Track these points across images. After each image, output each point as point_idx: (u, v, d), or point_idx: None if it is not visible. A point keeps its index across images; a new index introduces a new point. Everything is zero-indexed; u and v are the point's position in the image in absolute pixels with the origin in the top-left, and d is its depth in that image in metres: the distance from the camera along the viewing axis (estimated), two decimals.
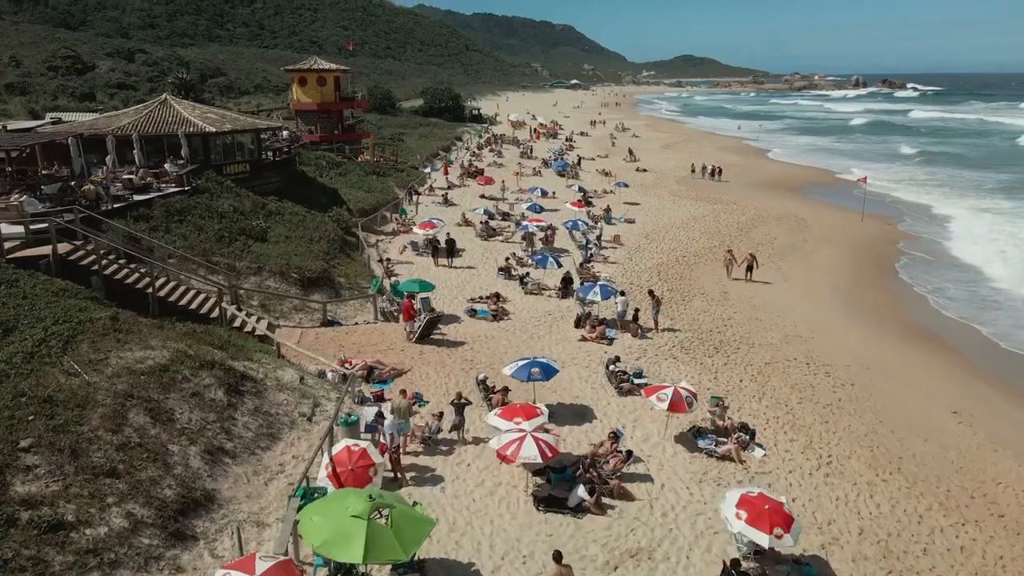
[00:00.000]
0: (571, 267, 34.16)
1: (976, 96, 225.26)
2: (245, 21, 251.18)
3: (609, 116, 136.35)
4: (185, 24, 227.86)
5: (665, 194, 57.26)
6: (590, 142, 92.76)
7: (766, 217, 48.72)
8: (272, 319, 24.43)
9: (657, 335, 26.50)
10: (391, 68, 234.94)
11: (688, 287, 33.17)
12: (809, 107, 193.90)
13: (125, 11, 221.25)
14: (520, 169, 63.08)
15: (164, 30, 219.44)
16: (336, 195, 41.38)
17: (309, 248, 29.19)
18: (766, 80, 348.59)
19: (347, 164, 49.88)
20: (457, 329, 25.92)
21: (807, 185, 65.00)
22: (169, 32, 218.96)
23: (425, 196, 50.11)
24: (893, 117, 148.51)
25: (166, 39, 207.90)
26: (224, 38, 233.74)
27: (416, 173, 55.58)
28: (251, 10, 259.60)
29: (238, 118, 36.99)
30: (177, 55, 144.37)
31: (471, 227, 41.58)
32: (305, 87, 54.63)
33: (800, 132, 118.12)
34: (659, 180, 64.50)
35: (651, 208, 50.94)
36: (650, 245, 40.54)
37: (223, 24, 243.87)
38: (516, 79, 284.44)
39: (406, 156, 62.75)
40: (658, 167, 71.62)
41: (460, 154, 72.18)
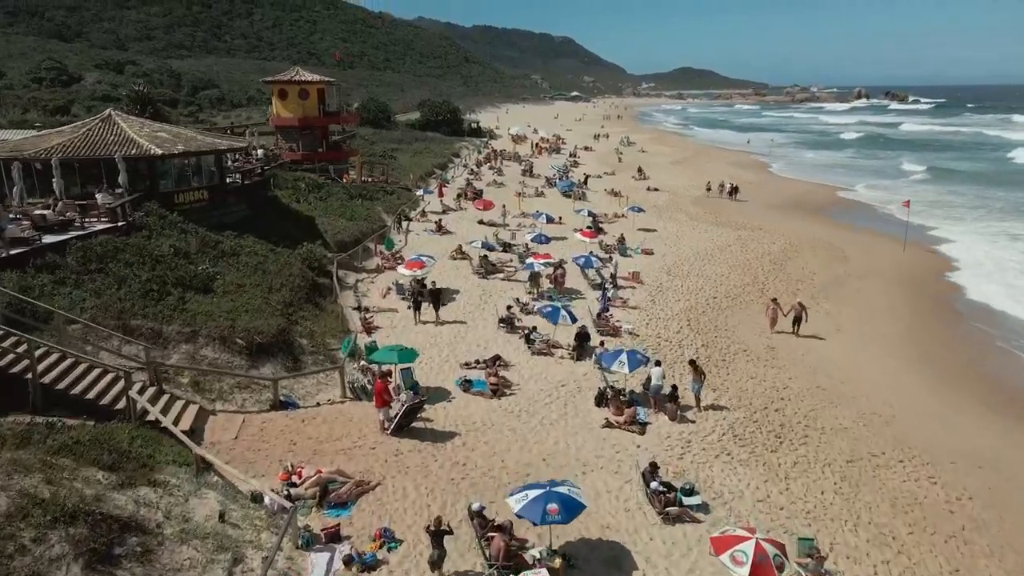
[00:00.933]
0: (586, 314, 28.40)
1: (985, 108, 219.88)
2: (243, 33, 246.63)
3: (612, 129, 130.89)
4: (182, 36, 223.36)
5: (682, 217, 51.50)
6: (595, 157, 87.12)
7: (798, 246, 42.91)
8: (206, 402, 18.61)
9: (700, 415, 20.69)
10: (390, 80, 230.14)
11: (727, 341, 27.34)
12: (812, 120, 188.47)
13: (122, 23, 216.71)
14: (522, 189, 57.36)
15: (161, 42, 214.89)
16: (312, 225, 35.60)
17: (267, 300, 23.36)
18: (767, 92, 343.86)
19: (330, 186, 44.21)
20: (447, 411, 20.07)
21: (830, 206, 59.22)
22: (166, 44, 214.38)
23: (417, 222, 44.32)
24: (899, 130, 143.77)
25: (162, 51, 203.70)
26: (221, 50, 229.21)
27: (408, 196, 49.81)
28: (249, 22, 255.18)
29: (195, 137, 31.31)
30: (168, 67, 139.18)
31: (467, 259, 35.81)
32: (286, 100, 49.03)
33: (807, 146, 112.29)
34: (673, 201, 58.77)
35: (669, 235, 45.17)
36: (673, 283, 34.71)
37: (220, 36, 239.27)
38: (516, 91, 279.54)
39: (398, 175, 57.03)
40: (670, 185, 65.93)
41: (457, 172, 66.47)
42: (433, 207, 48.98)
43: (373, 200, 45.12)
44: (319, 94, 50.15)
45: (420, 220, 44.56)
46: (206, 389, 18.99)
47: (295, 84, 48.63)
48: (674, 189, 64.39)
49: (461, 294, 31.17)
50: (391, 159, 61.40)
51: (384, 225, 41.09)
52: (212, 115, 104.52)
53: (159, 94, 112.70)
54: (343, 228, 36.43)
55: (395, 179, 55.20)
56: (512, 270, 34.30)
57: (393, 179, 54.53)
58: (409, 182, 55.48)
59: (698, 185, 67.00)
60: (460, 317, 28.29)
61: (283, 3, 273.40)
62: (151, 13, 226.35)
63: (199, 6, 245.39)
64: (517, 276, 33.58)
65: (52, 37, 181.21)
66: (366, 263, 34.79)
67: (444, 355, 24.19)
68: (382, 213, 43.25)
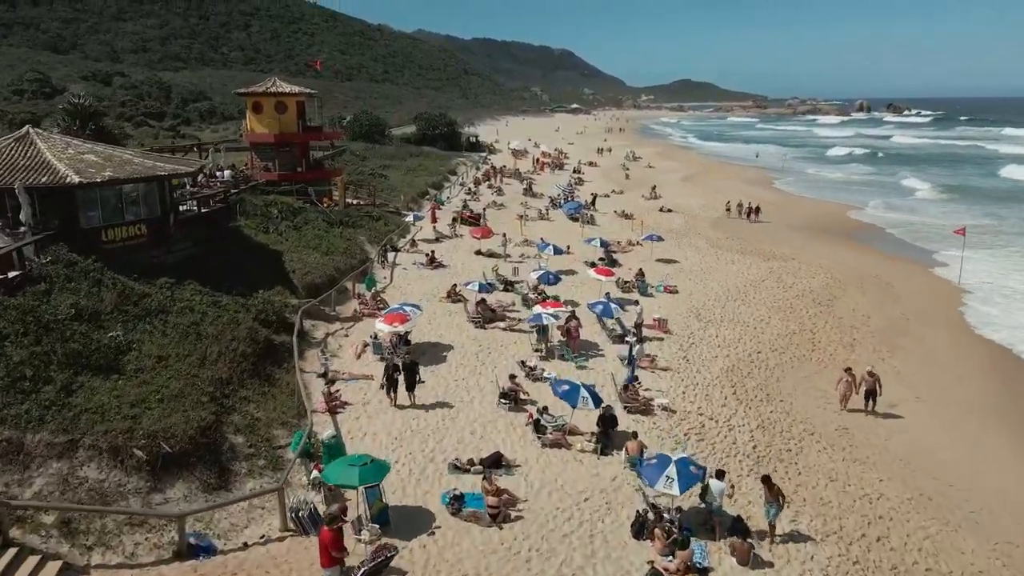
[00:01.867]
0: (607, 381, 22.57)
1: (978, 122, 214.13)
2: (240, 45, 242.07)
3: (615, 142, 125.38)
4: (178, 48, 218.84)
5: (703, 244, 45.67)
6: (600, 174, 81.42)
7: (842, 281, 37.05)
8: (79, 551, 12.74)
9: (777, 551, 14.81)
10: (388, 92, 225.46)
11: (787, 419, 21.43)
12: (807, 133, 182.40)
13: (117, 35, 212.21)
14: (525, 211, 51.56)
15: (157, 54, 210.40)
16: (279, 262, 29.72)
17: (193, 380, 17.47)
18: (767, 104, 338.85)
19: (307, 212, 38.41)
20: (427, 555, 14.15)
21: (856, 229, 53.39)
22: (162, 56, 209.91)
23: (406, 252, 38.46)
24: (891, 143, 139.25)
25: (158, 63, 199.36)
26: (218, 62, 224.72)
27: (397, 221, 43.92)
28: (246, 34, 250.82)
29: (131, 160, 25.53)
30: (158, 79, 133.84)
31: (461, 301, 29.97)
32: (260, 114, 43.30)
33: (807, 161, 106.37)
34: (690, 224, 52.97)
35: (692, 267, 39.32)
36: (706, 332, 28.82)
37: (217, 48, 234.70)
38: (515, 103, 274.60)
39: (388, 196, 51.24)
40: (684, 206, 60.17)
41: (454, 191, 60.68)
42: (425, 234, 43.16)
43: (356, 228, 39.28)
44: (298, 107, 44.38)
45: (409, 250, 38.69)
46: (80, 531, 13.08)
47: (271, 96, 42.87)
48: (689, 210, 58.64)
49: (454, 351, 25.28)
50: (380, 178, 55.57)
51: (367, 259, 35.20)
52: (200, 128, 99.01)
53: (146, 106, 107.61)
54: (316, 265, 30.48)
55: (384, 201, 49.39)
56: (515, 318, 28.38)
57: (381, 202, 48.72)
58: (400, 204, 49.66)
59: (714, 205, 61.35)
60: (451, 382, 22.40)
61: (281, 15, 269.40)
62: (147, 25, 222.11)
63: (196, 18, 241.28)
64: (521, 325, 27.71)
65: (46, 49, 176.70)
66: (341, 308, 28.85)
67: (428, 450, 18.25)
68: (365, 244, 37.39)
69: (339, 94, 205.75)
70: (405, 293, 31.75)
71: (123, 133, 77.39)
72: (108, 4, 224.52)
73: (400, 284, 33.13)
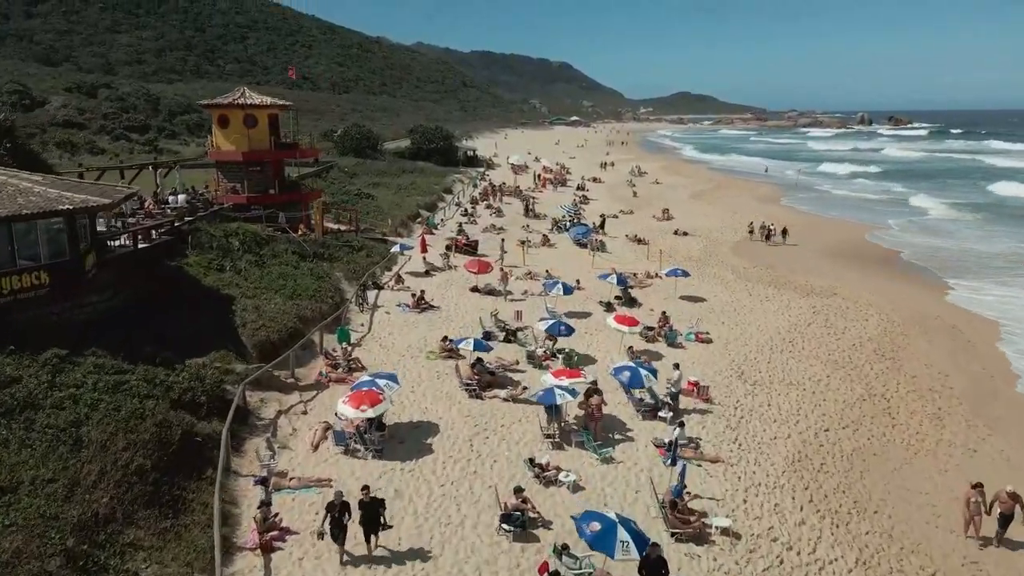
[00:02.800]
0: (644, 483, 16.76)
1: (971, 135, 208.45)
2: (237, 57, 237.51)
3: (618, 156, 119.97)
4: (173, 60, 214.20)
5: (729, 275, 39.88)
6: (606, 191, 75.78)
7: (901, 326, 31.16)
8: None
9: None
10: (385, 104, 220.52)
11: (891, 547, 15.53)
12: (799, 145, 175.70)
13: (112, 47, 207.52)
14: (527, 237, 45.82)
15: (151, 66, 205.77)
16: (227, 312, 23.87)
17: (49, 524, 11.62)
18: (768, 117, 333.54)
19: (276, 242, 32.67)
20: None
21: (893, 257, 47.48)
22: (156, 68, 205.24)
23: (390, 290, 32.59)
24: (882, 155, 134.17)
25: (153, 75, 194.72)
26: (213, 74, 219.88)
27: (382, 250, 38.05)
28: (243, 46, 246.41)
29: (30, 190, 19.82)
30: (146, 90, 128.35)
31: (454, 357, 24.13)
32: (227, 129, 37.68)
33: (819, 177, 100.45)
34: (710, 249, 47.23)
35: (722, 305, 33.49)
36: (756, 400, 22.94)
37: (213, 60, 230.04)
38: (515, 116, 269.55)
39: (375, 220, 45.51)
40: (700, 227, 54.43)
41: (449, 212, 54.89)
42: (414, 265, 37.33)
43: (333, 261, 33.46)
44: (271, 121, 38.68)
45: (394, 287, 32.81)
46: None
47: (238, 109, 37.18)
48: (706, 232, 52.90)
49: (440, 435, 19.36)
50: (367, 199, 49.79)
51: (342, 301, 29.30)
52: (185, 142, 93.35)
53: (130, 119, 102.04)
54: (275, 314, 24.54)
55: (369, 226, 43.66)
56: (518, 385, 22.47)
57: (367, 226, 42.99)
58: (387, 229, 43.91)
59: (731, 226, 55.69)
60: (436, 495, 16.52)
61: (278, 28, 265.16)
62: (142, 37, 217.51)
63: (192, 30, 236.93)
64: (527, 393, 21.85)
65: (38, 61, 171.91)
66: (303, 371, 22.96)
67: None
68: (342, 281, 31.52)
69: (336, 106, 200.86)
70: (385, 346, 25.91)
71: (94, 148, 71.93)
72: (103, 16, 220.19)
73: (380, 333, 27.25)
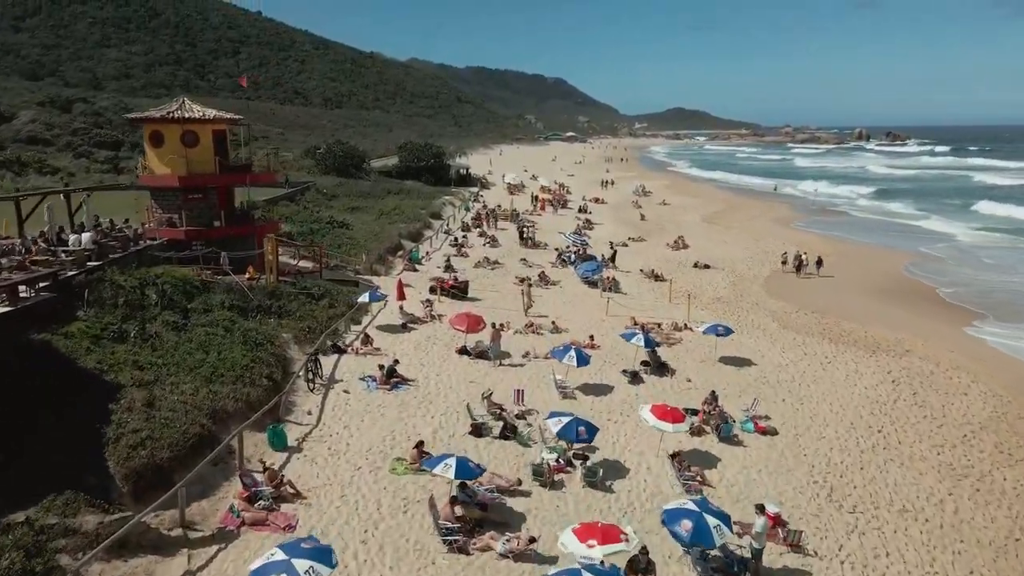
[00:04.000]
0: None
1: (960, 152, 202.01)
2: (227, 72, 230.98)
3: (618, 174, 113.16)
4: (163, 75, 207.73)
5: (771, 324, 32.54)
6: (610, 213, 68.66)
7: (1015, 402, 23.95)
8: None
9: None
10: (378, 120, 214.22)
11: None
12: (786, 163, 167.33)
13: (100, 62, 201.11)
14: (528, 275, 38.50)
15: (139, 80, 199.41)
16: (99, 417, 16.38)
17: None
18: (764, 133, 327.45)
19: (213, 292, 25.33)
20: None
21: (944, 296, 40.42)
22: (145, 83, 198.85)
23: (354, 355, 25.11)
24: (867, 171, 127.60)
25: (141, 90, 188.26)
26: (203, 89, 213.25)
27: (348, 297, 30.47)
28: (235, 61, 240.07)
29: None
30: (124, 105, 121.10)
31: (432, 472, 16.69)
32: (161, 148, 30.37)
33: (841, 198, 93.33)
34: (739, 286, 40.02)
35: (775, 371, 26.09)
36: (863, 541, 15.43)
37: (204, 75, 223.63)
38: (510, 131, 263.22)
39: (348, 253, 38.18)
40: (721, 258, 47.24)
41: (437, 241, 47.52)
42: (387, 316, 29.91)
43: (284, 315, 26.02)
44: (216, 138, 31.33)
45: (360, 351, 25.34)
46: None
47: (174, 124, 29.88)
48: (730, 264, 45.71)
49: None
50: (339, 229, 42.40)
51: (284, 380, 21.78)
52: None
53: (101, 135, 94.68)
54: (171, 417, 16.91)
55: (341, 262, 36.32)
56: (519, 537, 14.94)
57: (338, 263, 35.65)
58: (361, 265, 36.55)
59: (756, 256, 48.61)
60: None
61: (271, 43, 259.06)
62: (131, 52, 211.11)
63: (183, 45, 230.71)
64: (535, 546, 14.45)
65: (23, 76, 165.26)
66: (204, 507, 15.48)
67: None
68: (290, 346, 24.04)
69: (327, 122, 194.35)
70: (336, 452, 18.41)
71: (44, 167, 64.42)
72: (92, 31, 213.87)
73: (332, 428, 19.76)
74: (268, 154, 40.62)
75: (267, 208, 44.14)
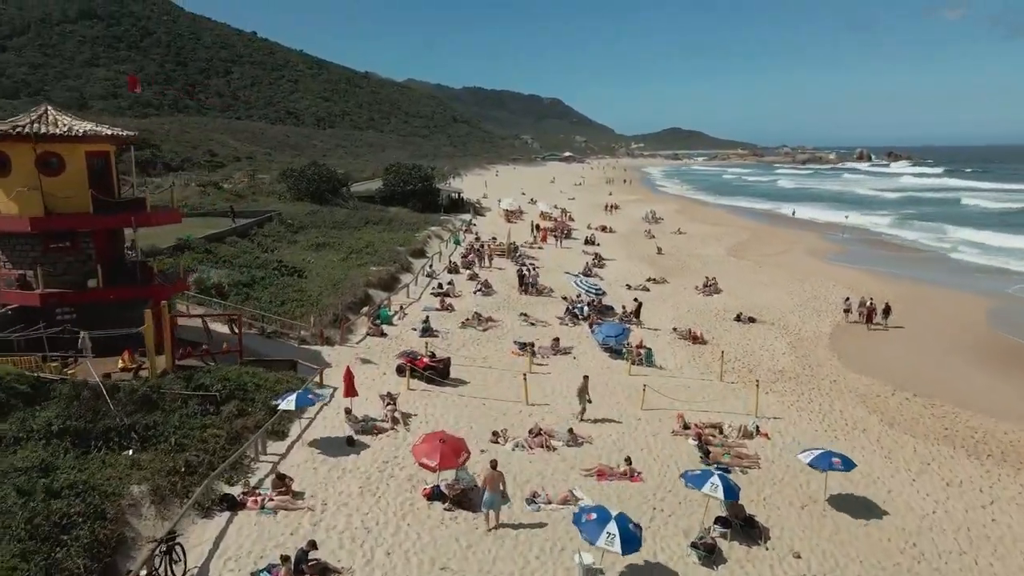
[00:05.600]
0: None
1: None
2: (219, 91, 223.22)
3: (622, 197, 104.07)
4: (151, 94, 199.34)
5: (866, 416, 22.92)
6: (621, 244, 59.33)
7: None
8: None
9: None
10: (371, 140, 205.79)
11: None
12: (771, 185, 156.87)
13: (88, 81, 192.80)
14: (533, 340, 28.85)
15: (127, 100, 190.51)
16: None
17: None
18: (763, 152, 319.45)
19: (51, 401, 15.89)
20: None
21: None
22: (132, 102, 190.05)
23: (255, 511, 15.35)
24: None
25: (128, 109, 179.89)
26: (192, 108, 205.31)
27: (270, 395, 20.58)
28: (226, 80, 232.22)
29: None
30: None
31: None
32: (7, 177, 20.98)
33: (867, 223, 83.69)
34: (801, 349, 30.44)
35: (914, 522, 16.48)
36: None
37: (194, 94, 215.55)
38: (506, 151, 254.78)
39: (291, 312, 28.50)
40: (766, 307, 37.77)
41: (415, 288, 37.88)
42: (325, 426, 20.12)
43: (148, 445, 16.33)
44: (93, 164, 21.80)
45: (273, 497, 15.64)
46: None
47: (25, 143, 20.44)
48: (779, 315, 36.23)
49: None
50: (288, 277, 32.69)
51: None
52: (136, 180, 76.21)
53: None
54: None
55: (281, 328, 26.63)
56: None
57: (278, 328, 25.97)
58: (308, 330, 26.88)
59: (806, 302, 39.31)
60: None
61: (264, 62, 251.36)
62: (120, 71, 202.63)
63: (173, 64, 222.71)
64: None
65: (5, 95, 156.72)
66: None
67: None
68: (140, 510, 14.35)
69: (318, 142, 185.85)
70: None
71: None
72: (81, 50, 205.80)
73: None
74: (173, 184, 30.90)
75: (202, 248, 34.59)
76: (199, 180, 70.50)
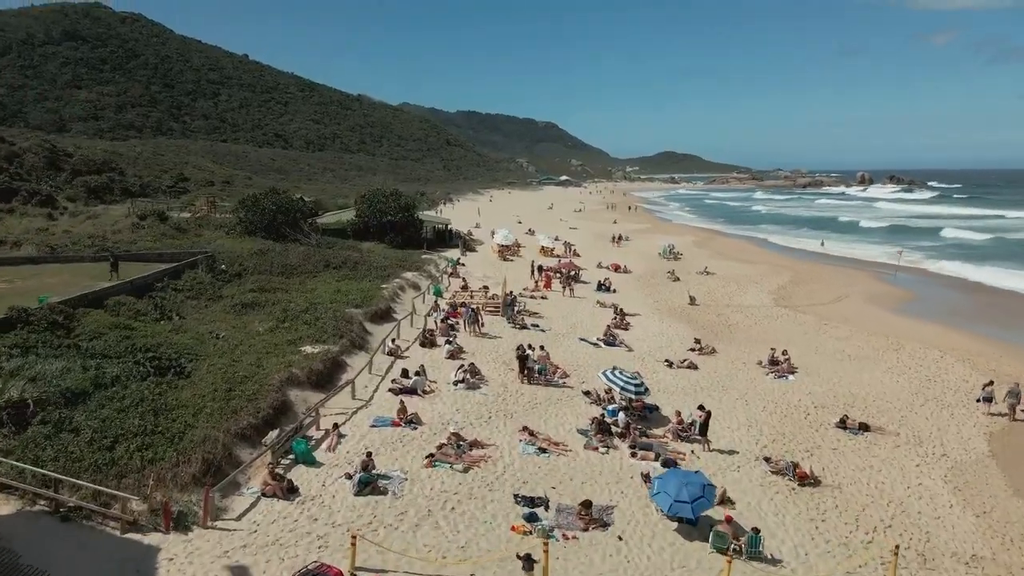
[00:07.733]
0: None
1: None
2: (205, 114, 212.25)
3: (628, 226, 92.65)
4: (133, 116, 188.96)
5: None
6: (641, 290, 47.47)
7: None
8: None
9: None
10: (361, 163, 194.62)
11: None
12: (759, 208, 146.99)
13: (68, 103, 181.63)
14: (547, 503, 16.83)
15: (109, 122, 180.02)
16: None
17: None
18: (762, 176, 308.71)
19: None
20: None
21: None
22: (114, 125, 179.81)
23: None
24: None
25: (109, 132, 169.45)
26: (176, 131, 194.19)
27: None
28: (213, 102, 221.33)
29: None
30: (50, 144, 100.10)
31: None
32: None
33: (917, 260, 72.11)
34: (967, 492, 18.56)
35: None
36: None
37: (179, 117, 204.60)
38: (501, 175, 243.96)
39: (125, 460, 16.37)
40: (867, 395, 25.89)
41: (366, 385, 25.79)
42: None
43: None
44: None
45: None
46: None
47: None
48: (898, 416, 24.26)
49: None
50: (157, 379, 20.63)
51: None
52: (79, 208, 63.90)
53: None
54: None
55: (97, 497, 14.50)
56: None
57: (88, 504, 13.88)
58: (143, 504, 14.77)
59: (920, 387, 27.33)
60: None
61: (253, 84, 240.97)
62: (103, 93, 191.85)
63: (159, 86, 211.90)
64: None
65: None
66: None
67: None
68: None
69: (305, 165, 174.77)
70: None
71: None
72: (63, 71, 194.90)
73: None
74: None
75: (49, 319, 22.52)
76: (144, 209, 58.58)
